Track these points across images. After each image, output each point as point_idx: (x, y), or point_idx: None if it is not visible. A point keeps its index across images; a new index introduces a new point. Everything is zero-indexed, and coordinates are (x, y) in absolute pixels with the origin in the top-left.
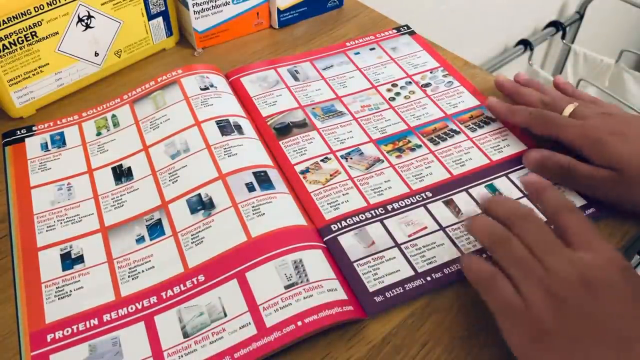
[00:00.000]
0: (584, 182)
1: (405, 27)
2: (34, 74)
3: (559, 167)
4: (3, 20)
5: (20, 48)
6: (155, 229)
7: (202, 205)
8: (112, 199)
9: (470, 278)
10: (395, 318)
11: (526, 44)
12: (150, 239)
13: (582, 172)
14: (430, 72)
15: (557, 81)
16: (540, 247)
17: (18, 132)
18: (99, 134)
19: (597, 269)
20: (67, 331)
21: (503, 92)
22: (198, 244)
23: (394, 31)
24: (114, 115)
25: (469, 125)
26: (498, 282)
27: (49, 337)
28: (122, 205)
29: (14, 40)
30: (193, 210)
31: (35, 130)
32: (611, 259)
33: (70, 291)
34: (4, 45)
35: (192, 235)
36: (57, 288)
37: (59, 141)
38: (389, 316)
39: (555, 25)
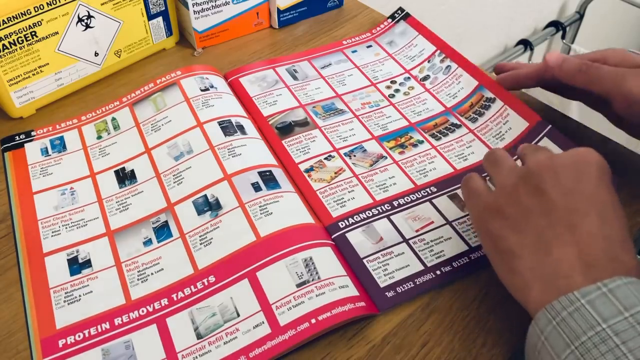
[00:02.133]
0: (607, 76)
1: (399, 12)
2: (33, 74)
3: (579, 62)
4: (3, 20)
5: (20, 48)
6: (163, 231)
7: (208, 206)
8: (116, 202)
9: (462, 182)
10: (396, 318)
11: (526, 43)
12: (158, 242)
13: (603, 68)
14: (428, 62)
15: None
16: (527, 152)
17: (17, 137)
18: (99, 137)
19: (569, 157)
20: (79, 336)
21: (506, 69)
22: (207, 245)
23: (390, 21)
24: (113, 118)
25: (470, 115)
26: (474, 177)
27: (60, 343)
28: (127, 208)
29: (14, 40)
30: (200, 212)
31: (34, 135)
32: (587, 152)
33: (80, 296)
34: (3, 45)
35: (200, 236)
36: (65, 293)
37: (59, 145)
38: (389, 316)
39: (555, 25)
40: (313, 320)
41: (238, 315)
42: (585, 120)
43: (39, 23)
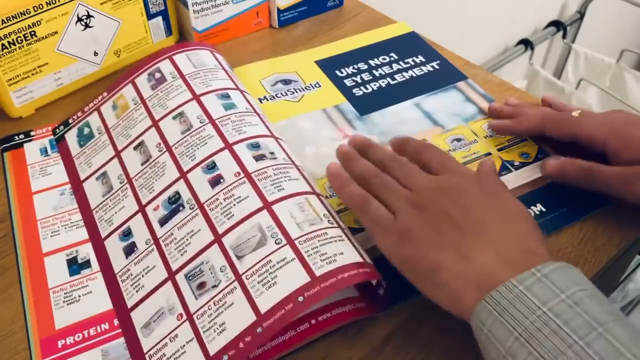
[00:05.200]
0: (610, 181)
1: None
2: (33, 74)
3: (581, 169)
4: (2, 20)
5: (20, 48)
6: None
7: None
8: None
9: (345, 200)
10: (396, 319)
11: (527, 43)
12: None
13: (607, 173)
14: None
15: (544, 98)
16: (406, 176)
17: (16, 137)
18: None
19: (452, 180)
20: (78, 337)
21: (501, 117)
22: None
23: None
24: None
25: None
26: (371, 201)
27: (59, 343)
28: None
29: (13, 40)
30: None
31: (33, 135)
32: (464, 173)
33: (79, 296)
34: (3, 45)
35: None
36: (65, 294)
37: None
38: (390, 316)
39: (556, 24)
40: (313, 321)
41: None
42: None
43: (38, 23)
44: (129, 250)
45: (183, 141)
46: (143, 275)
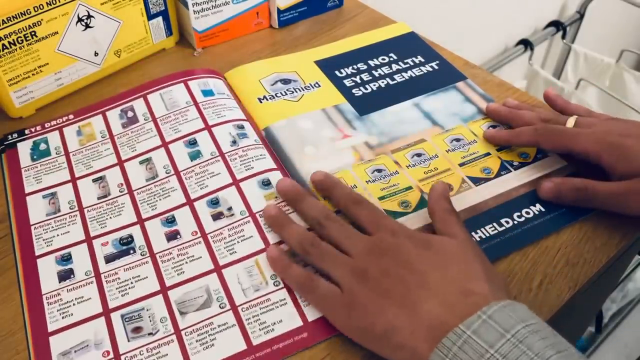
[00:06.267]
0: (606, 200)
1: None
2: (33, 74)
3: (576, 190)
4: (3, 20)
5: (20, 48)
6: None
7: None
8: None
9: (291, 283)
10: None
11: (526, 43)
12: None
13: (602, 191)
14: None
15: (547, 93)
16: (343, 238)
17: (9, 137)
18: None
19: (387, 240)
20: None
21: (498, 118)
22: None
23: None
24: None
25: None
26: (316, 281)
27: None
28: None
29: (13, 40)
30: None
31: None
32: (396, 230)
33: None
34: (3, 45)
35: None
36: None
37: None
38: None
39: (556, 25)
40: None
41: None
42: None
43: (39, 23)
44: (65, 275)
45: (147, 189)
46: (74, 304)
